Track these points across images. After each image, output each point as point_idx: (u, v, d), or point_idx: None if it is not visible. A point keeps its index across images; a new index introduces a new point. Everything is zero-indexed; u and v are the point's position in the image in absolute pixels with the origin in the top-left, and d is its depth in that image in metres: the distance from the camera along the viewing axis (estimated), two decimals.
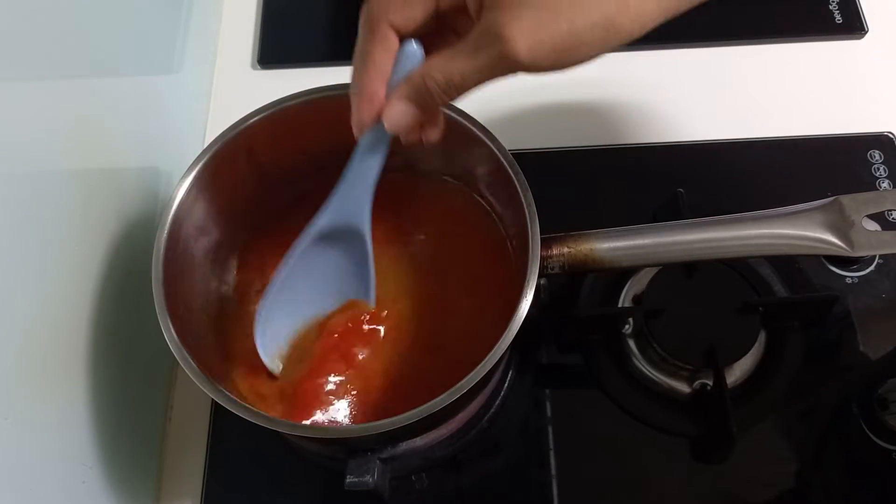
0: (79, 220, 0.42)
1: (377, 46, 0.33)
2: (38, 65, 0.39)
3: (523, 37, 0.30)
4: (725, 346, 0.47)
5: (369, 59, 0.33)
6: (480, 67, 0.31)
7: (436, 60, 0.33)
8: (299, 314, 0.44)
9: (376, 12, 0.33)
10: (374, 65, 0.33)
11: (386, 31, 0.33)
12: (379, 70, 0.33)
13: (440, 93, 0.33)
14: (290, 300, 0.42)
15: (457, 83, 0.32)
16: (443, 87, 0.32)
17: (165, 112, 0.55)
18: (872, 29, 0.62)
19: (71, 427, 0.41)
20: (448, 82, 0.32)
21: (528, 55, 0.30)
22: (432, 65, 0.33)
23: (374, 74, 0.33)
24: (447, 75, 0.32)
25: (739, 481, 0.47)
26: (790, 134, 0.58)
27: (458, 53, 0.32)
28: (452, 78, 0.32)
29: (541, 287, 0.51)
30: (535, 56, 0.30)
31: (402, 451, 0.46)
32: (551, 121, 0.60)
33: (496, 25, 0.30)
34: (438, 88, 0.33)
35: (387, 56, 0.33)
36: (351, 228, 0.40)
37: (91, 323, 0.42)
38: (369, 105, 0.34)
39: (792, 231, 0.41)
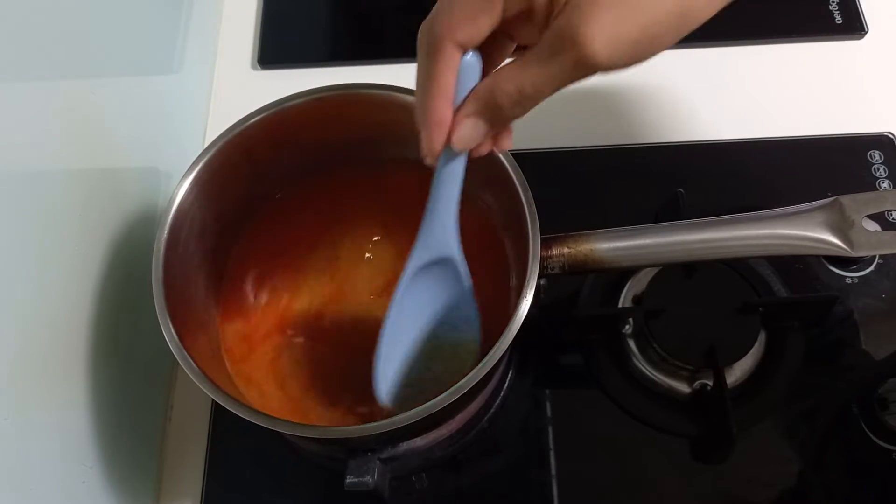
0: (79, 220, 0.42)
1: (443, 68, 0.31)
2: (38, 65, 0.39)
3: (602, 36, 0.28)
4: (725, 346, 0.47)
5: (435, 83, 0.31)
6: (555, 74, 0.30)
7: (505, 72, 0.31)
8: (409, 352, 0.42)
9: (441, 32, 0.30)
10: (440, 88, 0.31)
11: (452, 51, 0.31)
12: (445, 92, 0.32)
13: (512, 106, 0.31)
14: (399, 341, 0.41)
15: (530, 94, 0.31)
16: (515, 99, 0.31)
17: (165, 112, 0.55)
18: (872, 29, 0.62)
19: (71, 427, 0.41)
20: (521, 93, 0.31)
21: (606, 56, 0.29)
22: (501, 77, 0.31)
23: (442, 98, 0.32)
24: (519, 86, 0.30)
25: (739, 481, 0.47)
26: (790, 134, 0.58)
27: (530, 62, 0.30)
28: (525, 89, 0.30)
29: (541, 287, 0.51)
30: (614, 55, 0.29)
31: (402, 451, 0.46)
32: (551, 121, 0.59)
33: (571, 28, 0.28)
34: (511, 101, 0.31)
35: (452, 76, 0.31)
36: (444, 258, 0.38)
37: (91, 323, 0.42)
38: (440, 130, 0.32)
39: (792, 231, 0.41)
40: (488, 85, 0.31)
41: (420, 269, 0.38)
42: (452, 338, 0.41)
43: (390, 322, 0.39)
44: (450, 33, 0.30)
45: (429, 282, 0.39)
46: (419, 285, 0.39)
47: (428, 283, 0.39)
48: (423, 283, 0.39)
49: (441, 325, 0.41)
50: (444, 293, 0.40)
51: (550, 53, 0.29)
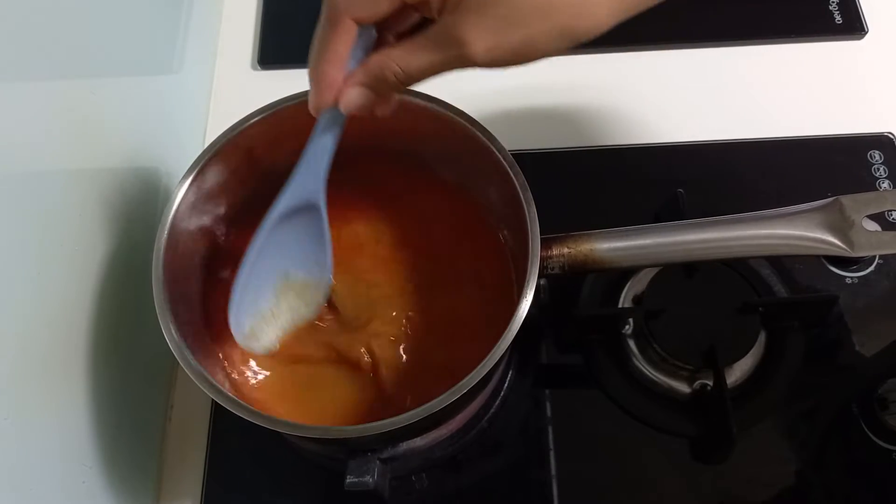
0: (79, 220, 0.42)
1: (338, 37, 0.34)
2: (38, 65, 0.39)
3: (482, 41, 0.31)
4: (725, 346, 0.47)
5: (330, 49, 0.35)
6: (439, 63, 0.33)
7: (395, 52, 0.34)
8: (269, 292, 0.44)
9: (341, 6, 0.34)
10: (334, 54, 0.35)
11: (348, 23, 0.34)
12: (339, 59, 0.35)
13: (396, 82, 0.34)
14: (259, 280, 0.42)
15: (413, 75, 0.34)
16: (400, 77, 0.34)
17: (166, 112, 0.55)
18: (872, 29, 0.62)
19: (71, 427, 0.41)
20: (406, 73, 0.34)
21: (485, 57, 0.32)
22: (391, 55, 0.34)
23: (334, 62, 0.35)
24: (405, 67, 0.34)
25: (739, 481, 0.47)
26: (790, 134, 0.58)
27: (418, 48, 0.33)
28: (410, 70, 0.34)
29: (541, 287, 0.51)
30: (493, 58, 0.32)
31: (402, 451, 0.46)
32: (551, 121, 0.60)
33: (456, 29, 0.32)
34: (396, 78, 0.34)
35: (346, 46, 0.35)
36: (310, 204, 0.40)
37: (91, 323, 0.43)
38: (329, 90, 0.35)
39: (792, 231, 0.41)
40: (379, 61, 0.34)
41: (288, 210, 0.40)
42: (304, 277, 0.43)
43: (251, 257, 0.40)
44: (349, 9, 0.34)
45: (293, 224, 0.40)
46: (284, 226, 0.40)
47: (292, 225, 0.40)
48: (287, 225, 0.40)
49: (295, 265, 0.43)
50: (304, 237, 0.41)
51: (436, 45, 0.33)
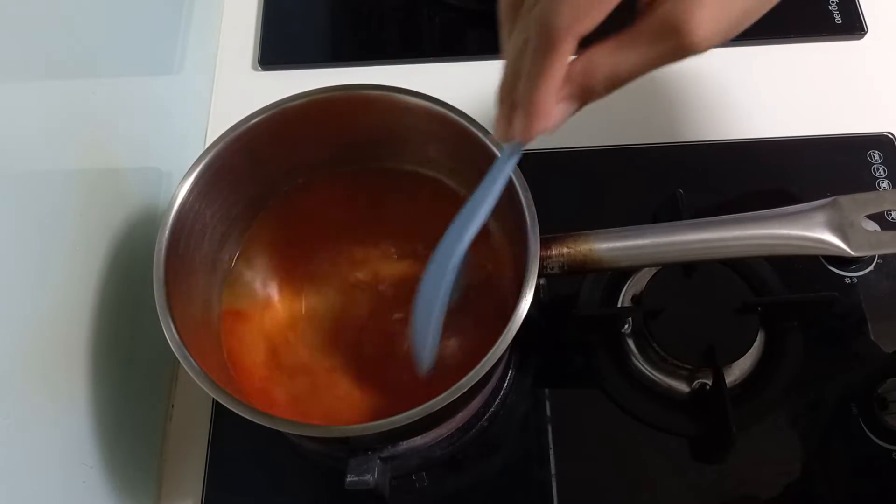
0: (79, 220, 0.42)
1: (559, 63, 0.30)
2: (39, 65, 0.39)
3: (705, 25, 0.29)
4: (725, 345, 0.47)
5: (549, 77, 0.30)
6: (653, 59, 0.30)
7: (598, 53, 0.30)
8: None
9: (561, 25, 0.29)
10: (554, 82, 0.30)
11: (571, 45, 0.29)
12: (557, 86, 0.31)
13: (605, 88, 0.31)
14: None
15: (623, 77, 0.31)
16: (611, 81, 0.31)
17: (166, 112, 0.55)
18: (872, 29, 0.62)
19: (71, 427, 0.41)
20: (616, 76, 0.31)
21: (707, 42, 0.29)
22: (598, 59, 0.30)
23: (552, 92, 0.31)
24: (614, 68, 0.30)
25: (738, 481, 0.47)
26: (790, 134, 0.58)
27: (628, 45, 0.30)
28: (619, 72, 0.30)
29: (540, 287, 0.51)
30: (712, 41, 0.29)
31: (402, 450, 0.46)
32: None
33: (676, 16, 0.29)
34: (605, 83, 0.31)
35: (564, 68, 0.30)
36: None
37: (92, 323, 0.43)
38: (543, 121, 0.32)
39: (791, 231, 0.41)
40: (583, 68, 0.31)
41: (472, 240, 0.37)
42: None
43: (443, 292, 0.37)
44: (572, 27, 0.29)
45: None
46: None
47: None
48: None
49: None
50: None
51: (652, 39, 0.29)
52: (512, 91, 0.32)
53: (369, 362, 0.45)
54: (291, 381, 0.45)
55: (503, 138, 0.34)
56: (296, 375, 0.45)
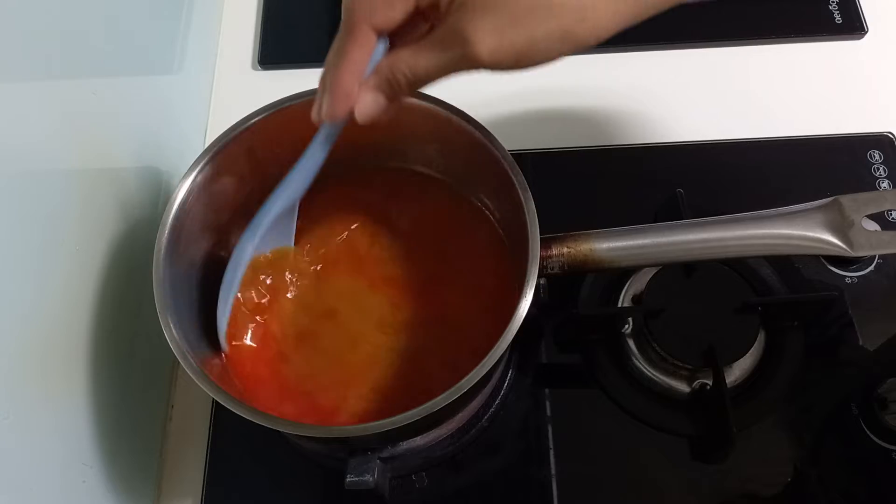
0: (79, 220, 0.42)
1: (356, 46, 0.34)
2: (39, 65, 0.39)
3: (487, 41, 0.32)
4: (725, 345, 0.47)
5: (348, 59, 0.35)
6: (445, 64, 0.34)
7: (402, 53, 0.34)
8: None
9: (359, 15, 0.34)
10: (352, 64, 0.35)
11: (367, 32, 0.34)
12: (357, 68, 0.35)
13: (406, 84, 0.35)
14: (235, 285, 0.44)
15: (421, 76, 0.34)
16: (410, 78, 0.34)
17: (166, 112, 0.55)
18: (872, 29, 0.62)
19: (71, 426, 0.41)
20: (414, 75, 0.34)
21: (489, 58, 0.32)
22: (400, 58, 0.34)
23: (351, 72, 0.35)
24: (413, 68, 0.34)
25: (738, 480, 0.47)
26: (790, 134, 0.58)
27: (424, 49, 0.34)
28: (417, 71, 0.34)
29: (541, 287, 0.51)
30: (496, 58, 0.32)
31: (402, 450, 0.46)
32: (551, 121, 0.60)
33: (462, 28, 0.32)
34: (405, 80, 0.35)
35: (365, 55, 0.35)
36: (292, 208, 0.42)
37: (92, 322, 0.43)
38: (345, 100, 0.35)
39: (792, 231, 0.41)
40: (388, 64, 0.35)
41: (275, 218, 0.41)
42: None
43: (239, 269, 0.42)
44: (367, 17, 0.34)
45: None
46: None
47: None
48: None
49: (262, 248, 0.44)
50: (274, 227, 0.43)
51: (443, 46, 0.33)
52: (324, 77, 0.36)
53: (369, 362, 0.45)
54: (291, 380, 0.45)
55: (314, 118, 0.37)
56: (296, 375, 0.45)
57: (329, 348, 0.46)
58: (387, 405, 0.44)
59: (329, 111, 0.36)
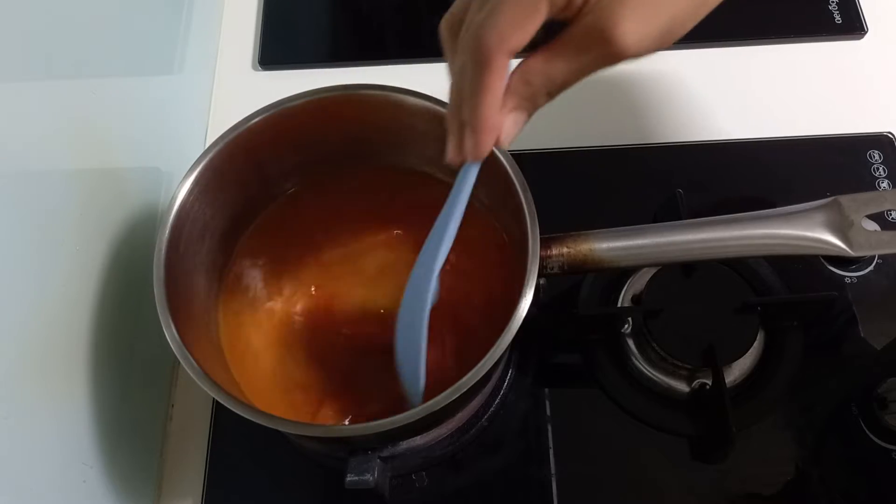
0: (80, 220, 0.42)
1: (496, 78, 0.31)
2: (39, 65, 0.40)
3: (632, 33, 0.29)
4: (724, 345, 0.47)
5: (487, 92, 0.31)
6: (584, 67, 0.31)
7: (534, 63, 0.32)
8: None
9: (492, 42, 0.30)
10: (493, 96, 0.32)
11: (504, 60, 0.31)
12: (498, 99, 0.32)
13: (545, 95, 0.32)
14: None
15: (560, 84, 0.32)
16: (549, 88, 0.32)
17: (167, 113, 0.55)
18: (872, 29, 0.62)
19: (72, 426, 0.41)
20: (553, 83, 0.32)
21: (636, 49, 0.30)
22: (533, 69, 0.32)
23: (494, 105, 0.32)
24: (551, 77, 0.32)
25: (739, 481, 0.47)
26: (790, 134, 0.58)
27: (560, 54, 0.31)
28: (556, 79, 0.32)
29: (540, 286, 0.51)
30: (642, 46, 0.30)
31: (402, 449, 0.46)
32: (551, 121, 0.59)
33: (602, 25, 0.29)
34: (544, 91, 0.32)
35: (502, 84, 0.32)
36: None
37: (92, 323, 0.43)
38: (491, 135, 0.33)
39: (791, 231, 0.41)
40: (521, 78, 0.32)
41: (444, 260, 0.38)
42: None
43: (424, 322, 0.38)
44: (502, 44, 0.30)
45: None
46: None
47: None
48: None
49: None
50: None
51: (581, 48, 0.31)
52: (458, 112, 0.33)
53: (370, 362, 0.45)
54: (291, 380, 0.45)
55: (457, 159, 0.35)
56: (296, 375, 0.45)
57: (328, 348, 0.46)
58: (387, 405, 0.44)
59: (476, 149, 0.33)
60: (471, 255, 0.47)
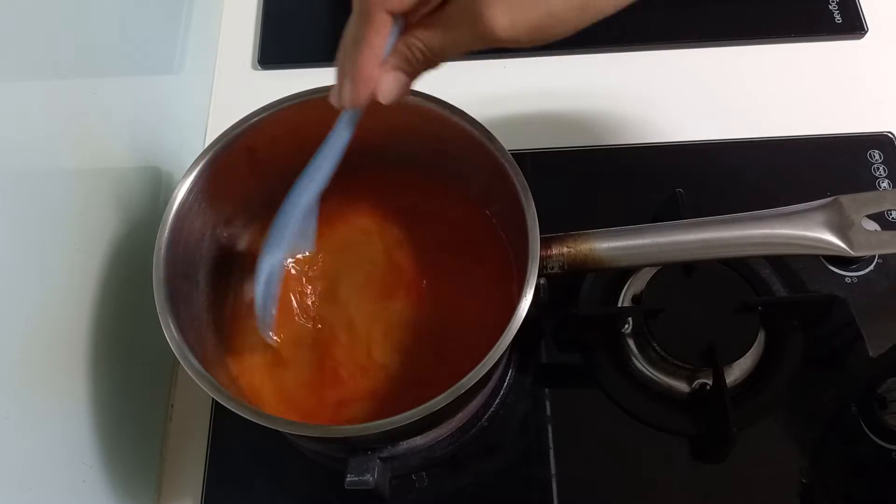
0: (80, 220, 0.42)
1: (374, 31, 0.34)
2: (38, 65, 0.40)
3: (502, 17, 0.31)
4: (725, 345, 0.47)
5: (366, 45, 0.34)
6: (460, 41, 0.33)
7: (418, 32, 0.34)
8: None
9: (373, 1, 0.34)
10: (371, 49, 0.34)
11: (383, 16, 0.34)
12: (376, 53, 0.34)
13: (424, 61, 0.35)
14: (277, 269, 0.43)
15: (438, 54, 0.34)
16: (428, 56, 0.34)
17: (167, 112, 0.55)
18: (872, 29, 0.62)
19: (72, 426, 0.41)
20: (431, 52, 0.34)
21: (506, 34, 0.32)
22: (416, 36, 0.34)
23: (371, 58, 0.35)
24: (430, 46, 0.34)
25: (739, 480, 0.47)
26: (790, 134, 0.58)
27: (439, 26, 0.34)
28: (433, 49, 0.34)
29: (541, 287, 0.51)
30: (513, 34, 0.32)
31: (402, 449, 0.46)
32: (551, 121, 0.60)
33: (473, 7, 0.32)
34: (423, 58, 0.34)
35: (382, 39, 0.34)
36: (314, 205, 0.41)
37: (92, 322, 0.43)
38: (366, 85, 0.35)
39: (791, 231, 0.41)
40: (406, 42, 0.35)
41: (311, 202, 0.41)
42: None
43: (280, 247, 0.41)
44: (381, 2, 0.33)
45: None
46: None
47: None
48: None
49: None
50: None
51: (455, 24, 0.33)
52: (343, 61, 0.36)
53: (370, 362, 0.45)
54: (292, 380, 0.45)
55: (335, 104, 0.37)
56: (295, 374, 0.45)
57: (328, 348, 0.46)
58: (387, 405, 0.44)
59: (352, 97, 0.36)
60: (470, 255, 0.47)
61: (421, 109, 0.43)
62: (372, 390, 0.44)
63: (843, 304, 0.51)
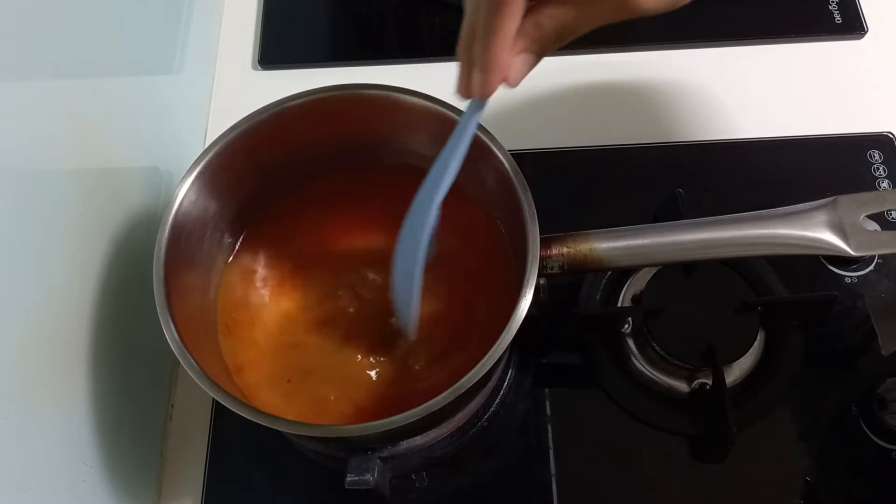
0: (80, 220, 0.42)
1: (509, 18, 0.32)
2: (39, 65, 0.40)
3: None
4: (724, 345, 0.47)
5: (501, 32, 0.32)
6: (596, 16, 0.32)
7: (549, 10, 0.32)
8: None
9: None
10: (505, 37, 0.32)
11: (520, 2, 0.31)
12: (509, 40, 0.32)
13: (556, 41, 0.33)
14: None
15: (569, 30, 0.32)
16: (559, 33, 0.32)
17: (167, 112, 0.55)
18: (872, 29, 0.62)
19: (72, 426, 0.41)
20: (564, 28, 0.32)
21: (652, 4, 0.31)
22: (546, 14, 0.32)
23: (505, 45, 0.32)
24: (561, 22, 0.32)
25: (739, 481, 0.47)
26: (790, 134, 0.58)
27: (574, 2, 0.32)
28: (566, 25, 0.32)
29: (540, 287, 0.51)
30: (659, 4, 0.31)
31: (402, 449, 0.46)
32: (551, 121, 0.60)
33: None
34: (555, 37, 0.33)
35: (515, 24, 0.32)
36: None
37: (92, 322, 0.43)
38: (500, 73, 0.33)
39: (791, 231, 0.41)
40: (534, 22, 0.32)
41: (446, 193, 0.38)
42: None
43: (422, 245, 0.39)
44: None
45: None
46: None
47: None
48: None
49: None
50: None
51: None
52: (469, 48, 0.33)
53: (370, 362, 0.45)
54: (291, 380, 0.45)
55: (465, 95, 0.35)
56: (295, 375, 0.45)
57: (328, 347, 0.46)
58: (387, 405, 0.44)
59: (483, 86, 0.34)
60: (470, 255, 0.47)
61: (421, 109, 0.43)
62: (371, 390, 0.44)
63: (842, 305, 0.51)
